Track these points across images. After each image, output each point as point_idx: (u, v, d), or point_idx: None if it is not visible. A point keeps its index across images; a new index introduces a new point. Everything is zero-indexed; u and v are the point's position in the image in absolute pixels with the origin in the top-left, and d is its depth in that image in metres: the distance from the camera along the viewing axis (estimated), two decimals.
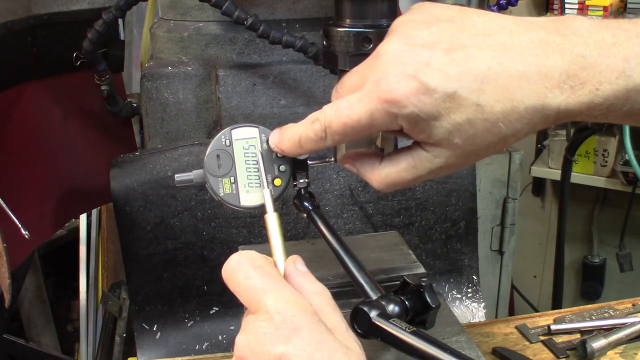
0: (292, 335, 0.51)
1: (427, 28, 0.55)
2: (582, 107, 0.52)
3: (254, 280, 0.55)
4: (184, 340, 1.07)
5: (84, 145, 1.47)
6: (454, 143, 0.55)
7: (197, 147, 1.09)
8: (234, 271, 0.57)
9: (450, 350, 0.57)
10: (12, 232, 1.04)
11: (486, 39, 0.54)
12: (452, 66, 0.53)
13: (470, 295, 1.16)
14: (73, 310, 2.38)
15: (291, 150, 0.65)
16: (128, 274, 1.08)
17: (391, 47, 0.55)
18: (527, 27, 0.54)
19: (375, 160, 0.62)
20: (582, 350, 0.92)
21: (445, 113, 0.53)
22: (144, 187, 1.05)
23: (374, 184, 0.62)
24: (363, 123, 0.56)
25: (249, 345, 0.52)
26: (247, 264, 0.57)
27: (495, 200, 1.33)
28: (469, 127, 0.53)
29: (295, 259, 0.60)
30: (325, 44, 0.67)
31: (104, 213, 2.11)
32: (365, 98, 0.55)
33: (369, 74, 0.56)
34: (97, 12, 1.21)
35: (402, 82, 0.53)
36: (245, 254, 0.58)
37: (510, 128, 0.53)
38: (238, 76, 1.15)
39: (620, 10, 2.23)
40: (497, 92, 0.52)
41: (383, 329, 0.60)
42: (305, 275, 0.59)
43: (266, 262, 0.58)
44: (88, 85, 1.37)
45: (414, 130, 0.55)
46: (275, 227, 0.63)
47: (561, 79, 0.52)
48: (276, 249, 0.62)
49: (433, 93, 0.52)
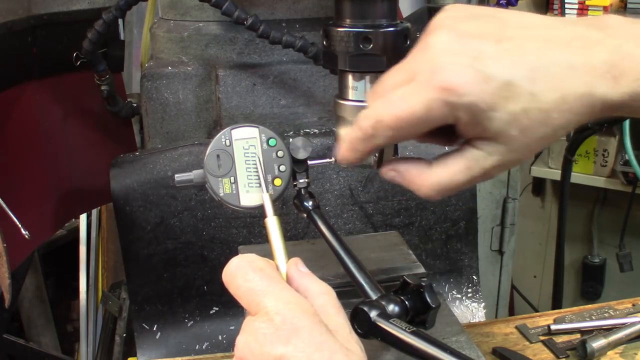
0: (292, 337, 0.51)
1: (472, 22, 0.54)
2: (624, 97, 0.53)
3: (254, 283, 0.55)
4: (184, 340, 1.07)
5: (84, 145, 1.47)
6: (511, 135, 0.54)
7: (197, 147, 1.09)
8: (234, 274, 0.57)
9: (450, 350, 0.57)
10: (12, 232, 1.04)
11: (530, 31, 0.54)
12: (504, 55, 0.52)
13: (470, 295, 1.16)
14: (73, 310, 2.38)
15: (348, 156, 0.61)
16: (128, 274, 1.08)
17: (440, 39, 0.54)
18: (565, 23, 0.55)
19: (423, 166, 0.60)
20: (582, 350, 0.92)
21: (503, 103, 0.52)
22: (144, 187, 1.05)
23: (423, 191, 0.60)
24: (418, 115, 0.54)
25: (249, 346, 0.52)
26: (247, 266, 0.57)
27: (495, 200, 1.33)
28: (525, 118, 0.53)
29: (296, 261, 0.60)
30: (325, 44, 0.67)
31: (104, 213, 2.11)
32: (420, 89, 0.53)
33: (419, 67, 0.54)
34: (97, 12, 1.21)
35: (459, 71, 0.52)
36: (245, 257, 0.58)
37: (562, 118, 0.53)
38: (238, 76, 1.15)
39: (621, 10, 2.23)
40: (548, 81, 0.52)
41: (383, 329, 0.60)
42: (309, 276, 0.59)
43: (266, 265, 0.58)
44: (88, 85, 1.37)
45: (471, 122, 0.54)
46: (276, 230, 0.63)
47: (604, 68, 0.52)
48: (278, 251, 0.62)
49: (491, 81, 0.52)
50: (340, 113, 0.70)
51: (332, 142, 0.73)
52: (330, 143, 1.06)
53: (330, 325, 0.54)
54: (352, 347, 0.53)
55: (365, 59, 0.65)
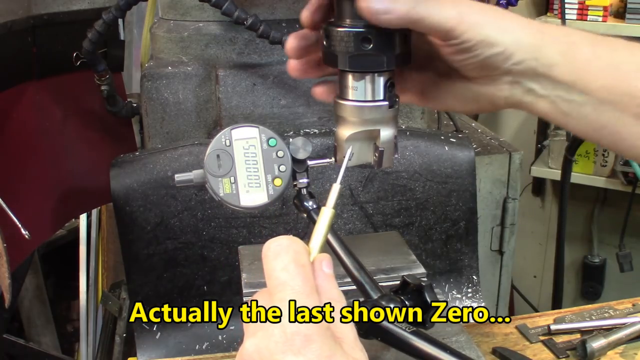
0: (303, 348, 0.51)
1: None
2: None
3: (288, 276, 0.55)
4: (184, 340, 1.07)
5: (84, 145, 1.47)
6: None
7: (197, 147, 1.09)
8: (276, 253, 0.56)
9: (450, 350, 0.57)
10: (12, 232, 1.04)
11: None
12: None
13: (470, 295, 1.16)
14: (73, 310, 2.37)
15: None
16: (128, 274, 1.08)
17: None
18: None
19: None
20: (582, 350, 0.92)
21: None
22: (144, 187, 1.05)
23: None
24: None
25: (259, 351, 0.52)
26: (292, 256, 0.56)
27: (495, 200, 1.33)
28: None
29: (323, 258, 0.59)
30: (325, 44, 0.67)
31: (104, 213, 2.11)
32: None
33: None
34: (97, 12, 1.21)
35: None
36: (295, 244, 0.57)
37: None
38: (238, 76, 1.15)
39: (620, 10, 2.22)
40: None
41: (383, 329, 0.60)
42: (328, 279, 0.58)
43: (308, 262, 0.57)
44: (88, 85, 1.37)
45: None
46: (326, 221, 0.63)
47: None
48: (316, 240, 0.61)
49: None
50: (340, 113, 0.70)
51: (332, 142, 0.73)
52: (330, 143, 1.06)
53: (337, 333, 0.54)
54: (357, 355, 0.54)
55: (365, 59, 0.65)
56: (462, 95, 0.70)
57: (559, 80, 0.64)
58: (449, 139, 1.17)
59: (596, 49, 0.64)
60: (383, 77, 0.67)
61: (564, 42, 0.64)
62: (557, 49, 0.64)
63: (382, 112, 0.68)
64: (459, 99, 0.70)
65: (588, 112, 0.64)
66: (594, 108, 0.64)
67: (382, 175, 1.12)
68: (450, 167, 1.14)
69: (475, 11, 0.63)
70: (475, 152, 1.16)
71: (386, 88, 0.67)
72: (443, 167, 1.14)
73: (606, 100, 0.63)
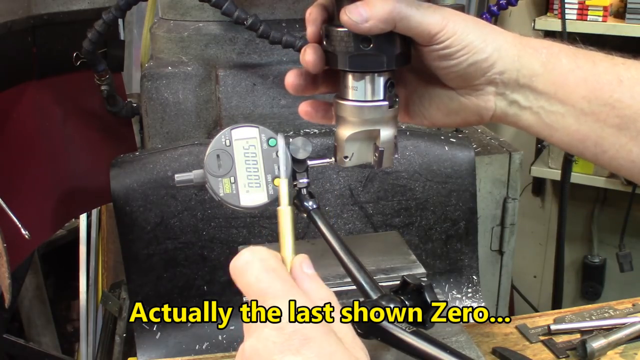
0: (302, 347, 0.50)
1: None
2: None
3: (266, 284, 0.53)
4: (184, 340, 1.07)
5: (84, 145, 1.47)
6: None
7: (197, 147, 1.09)
8: (243, 270, 0.55)
9: (450, 350, 0.57)
10: (12, 232, 1.04)
11: None
12: None
13: (470, 295, 1.16)
14: (73, 310, 2.37)
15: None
16: (128, 274, 1.08)
17: None
18: None
19: None
20: (582, 350, 0.92)
21: None
22: (144, 187, 1.05)
23: None
24: None
25: (258, 353, 0.51)
26: (259, 265, 0.55)
27: (495, 200, 1.33)
28: None
29: (302, 260, 0.58)
30: (325, 44, 0.67)
31: (104, 213, 2.11)
32: None
33: None
34: (97, 12, 1.22)
35: None
36: (257, 253, 0.56)
37: None
38: (238, 76, 1.15)
39: (620, 10, 2.22)
40: None
41: (383, 329, 0.60)
42: (312, 279, 0.57)
43: (279, 265, 0.56)
44: (88, 85, 1.37)
45: None
46: (288, 222, 0.62)
47: None
48: (286, 245, 0.61)
49: None
50: (340, 113, 0.70)
51: (332, 142, 0.73)
52: (330, 143, 1.06)
53: (337, 332, 0.53)
54: (358, 354, 0.53)
55: (365, 59, 0.65)
56: (447, 107, 0.70)
57: (540, 90, 0.65)
58: (449, 139, 1.17)
59: (577, 60, 0.65)
60: (383, 77, 0.67)
61: (544, 53, 0.65)
62: (537, 59, 0.65)
63: (382, 112, 0.68)
64: (443, 111, 0.71)
65: (570, 124, 0.65)
66: (576, 119, 0.65)
67: (382, 175, 1.12)
68: (450, 167, 1.14)
69: (459, 19, 0.64)
70: (475, 152, 1.17)
71: (386, 88, 0.67)
72: (443, 167, 1.14)
73: (587, 110, 0.64)
